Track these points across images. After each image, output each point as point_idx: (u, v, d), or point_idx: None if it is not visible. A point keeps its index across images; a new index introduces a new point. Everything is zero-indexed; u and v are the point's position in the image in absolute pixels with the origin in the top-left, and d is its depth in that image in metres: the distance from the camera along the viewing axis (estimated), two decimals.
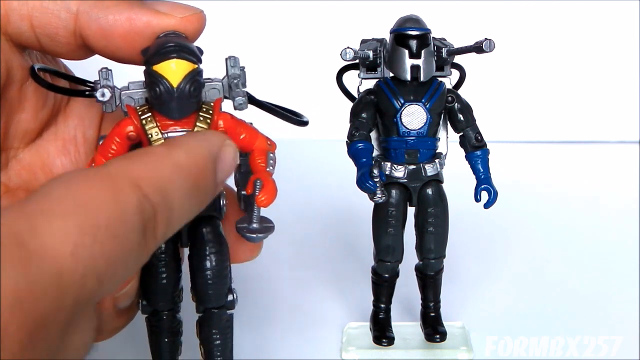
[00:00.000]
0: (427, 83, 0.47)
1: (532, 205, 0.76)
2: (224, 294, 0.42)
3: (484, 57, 0.46)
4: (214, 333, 0.42)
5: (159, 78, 0.37)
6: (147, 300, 0.42)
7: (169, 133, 0.38)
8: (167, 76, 0.37)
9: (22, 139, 0.43)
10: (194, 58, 0.37)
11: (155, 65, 0.37)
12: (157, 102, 0.37)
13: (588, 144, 0.93)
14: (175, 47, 0.37)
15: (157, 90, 0.37)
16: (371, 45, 0.48)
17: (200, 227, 0.41)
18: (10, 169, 0.43)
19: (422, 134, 0.47)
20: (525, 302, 0.58)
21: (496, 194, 0.48)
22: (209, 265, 0.40)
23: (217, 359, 0.42)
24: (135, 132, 0.38)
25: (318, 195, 0.77)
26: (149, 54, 0.37)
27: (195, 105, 0.38)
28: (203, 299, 0.41)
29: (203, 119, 0.38)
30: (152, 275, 0.41)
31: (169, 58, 0.37)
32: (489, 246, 0.67)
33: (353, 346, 0.52)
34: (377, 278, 0.51)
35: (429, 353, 0.51)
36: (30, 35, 0.39)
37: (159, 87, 0.37)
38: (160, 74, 0.37)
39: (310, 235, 0.68)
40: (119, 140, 0.39)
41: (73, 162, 0.45)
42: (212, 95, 0.40)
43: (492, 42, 0.45)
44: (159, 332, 0.43)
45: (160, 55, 0.37)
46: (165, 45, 0.37)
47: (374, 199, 0.45)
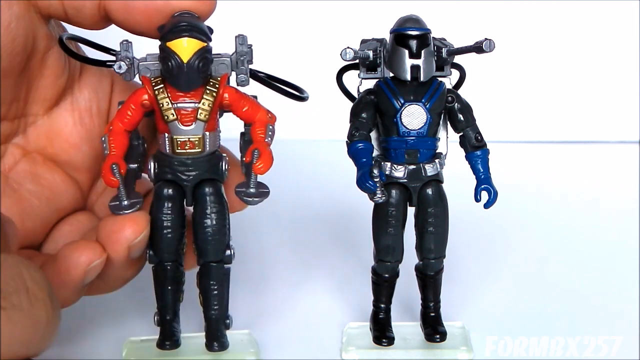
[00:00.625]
0: (427, 83, 0.47)
1: (532, 205, 0.76)
2: (223, 249, 0.47)
3: (484, 57, 0.46)
4: (212, 284, 0.47)
5: (172, 54, 0.41)
6: (154, 252, 0.46)
7: (179, 103, 0.43)
8: (178, 52, 0.41)
9: (41, 105, 0.46)
10: (203, 37, 0.42)
11: (169, 42, 0.41)
12: (169, 75, 0.42)
13: (588, 144, 0.93)
14: (187, 26, 0.41)
15: (170, 65, 0.41)
16: (371, 45, 0.48)
17: (204, 189, 0.46)
18: (29, 134, 0.47)
19: (422, 134, 0.47)
20: (525, 302, 0.58)
21: (496, 194, 0.48)
22: (210, 223, 0.46)
23: (214, 306, 0.47)
24: (149, 101, 0.43)
25: (318, 195, 0.77)
26: (164, 31, 0.42)
27: (203, 79, 0.43)
28: (203, 253, 0.46)
29: (209, 92, 0.43)
30: (159, 230, 0.45)
31: (181, 36, 0.41)
32: (489, 246, 0.67)
33: (353, 346, 0.52)
34: (377, 278, 0.51)
35: (429, 353, 0.51)
36: (58, 7, 0.43)
37: (171, 61, 0.41)
38: (173, 50, 0.41)
39: (310, 235, 0.68)
40: (134, 107, 0.44)
41: (88, 132, 0.48)
42: (221, 69, 0.45)
43: (492, 42, 0.45)
44: (163, 281, 0.47)
45: (174, 33, 0.41)
46: (179, 24, 0.41)
47: (374, 199, 0.45)
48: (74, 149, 0.47)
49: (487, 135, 0.49)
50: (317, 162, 0.83)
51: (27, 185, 0.47)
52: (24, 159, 0.47)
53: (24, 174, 0.47)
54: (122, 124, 0.44)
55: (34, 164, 0.47)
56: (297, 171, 0.78)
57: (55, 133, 0.47)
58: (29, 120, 0.47)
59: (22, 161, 0.47)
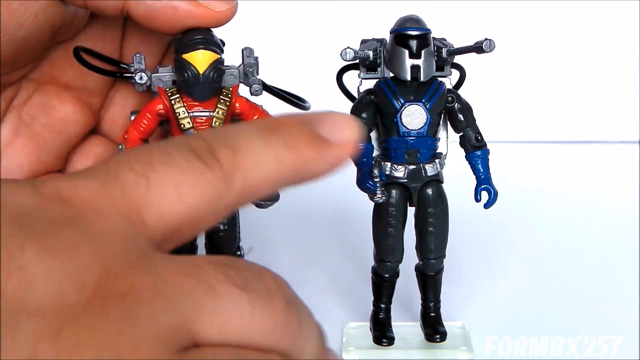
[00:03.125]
0: (427, 83, 0.47)
1: (532, 205, 0.76)
2: (234, 252, 0.48)
3: (484, 57, 0.46)
4: None
5: (188, 65, 0.43)
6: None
7: (194, 112, 0.44)
8: (195, 64, 0.43)
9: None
10: (218, 49, 0.44)
11: (185, 54, 0.43)
12: (185, 86, 0.44)
13: (588, 144, 0.93)
14: (203, 39, 0.43)
15: (186, 76, 0.43)
16: (371, 45, 0.48)
17: None
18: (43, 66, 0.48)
19: (422, 134, 0.47)
20: (525, 302, 0.58)
21: (496, 194, 0.48)
22: (222, 228, 0.47)
23: None
24: (164, 110, 0.45)
25: (318, 195, 0.77)
26: (181, 44, 0.43)
27: (217, 89, 0.45)
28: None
29: (223, 101, 0.45)
30: None
31: (197, 49, 0.43)
32: (489, 246, 0.67)
33: (353, 346, 0.52)
34: (377, 278, 0.51)
35: (429, 353, 0.51)
36: (81, 5, 0.44)
37: (187, 72, 0.43)
38: (190, 62, 0.43)
39: (310, 235, 0.68)
40: (150, 116, 0.45)
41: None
42: (230, 80, 0.46)
43: (492, 42, 0.45)
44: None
45: (190, 46, 0.43)
46: (195, 37, 0.43)
47: (374, 199, 0.45)
48: (88, 74, 0.48)
49: (487, 135, 0.49)
50: None
51: (40, 118, 0.48)
52: (37, 92, 0.48)
53: (37, 107, 0.48)
54: (138, 133, 0.45)
55: (46, 96, 0.48)
56: None
57: (69, 62, 0.47)
58: (42, 55, 0.47)
59: (35, 95, 0.48)
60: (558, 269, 0.63)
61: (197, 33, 0.43)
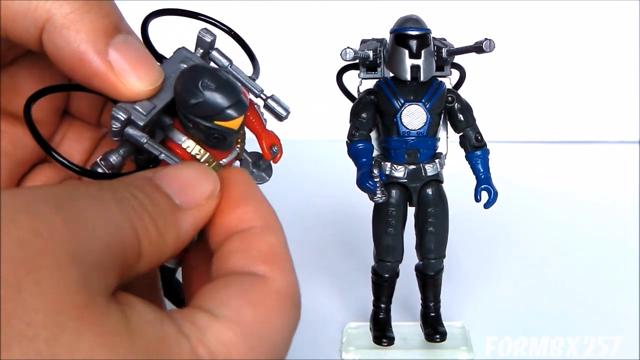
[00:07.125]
0: (427, 83, 0.47)
1: (532, 205, 0.76)
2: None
3: (484, 57, 0.46)
4: None
5: (224, 129, 0.39)
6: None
7: (223, 159, 0.41)
8: (232, 127, 0.39)
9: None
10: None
11: (222, 122, 0.39)
12: (218, 144, 0.40)
13: (588, 144, 0.93)
14: (238, 104, 0.38)
15: (221, 137, 0.39)
16: (371, 45, 0.48)
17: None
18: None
19: (422, 134, 0.47)
20: (525, 302, 0.58)
21: (496, 194, 0.48)
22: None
23: None
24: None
25: (318, 195, 0.77)
26: (208, 108, 0.39)
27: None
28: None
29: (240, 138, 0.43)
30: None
31: (235, 118, 0.39)
32: (489, 246, 0.67)
33: (353, 346, 0.52)
34: (377, 278, 0.51)
35: (429, 353, 0.51)
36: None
37: (224, 134, 0.39)
38: (227, 127, 0.39)
39: (310, 235, 0.68)
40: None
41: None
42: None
43: (492, 42, 0.45)
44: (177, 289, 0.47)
45: (227, 116, 0.38)
46: (228, 104, 0.38)
47: (374, 199, 0.45)
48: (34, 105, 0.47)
49: (487, 135, 0.49)
50: (317, 162, 0.83)
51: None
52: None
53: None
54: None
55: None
56: (297, 171, 0.78)
57: (15, 91, 0.45)
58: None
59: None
60: (558, 269, 0.63)
61: (226, 95, 0.39)
